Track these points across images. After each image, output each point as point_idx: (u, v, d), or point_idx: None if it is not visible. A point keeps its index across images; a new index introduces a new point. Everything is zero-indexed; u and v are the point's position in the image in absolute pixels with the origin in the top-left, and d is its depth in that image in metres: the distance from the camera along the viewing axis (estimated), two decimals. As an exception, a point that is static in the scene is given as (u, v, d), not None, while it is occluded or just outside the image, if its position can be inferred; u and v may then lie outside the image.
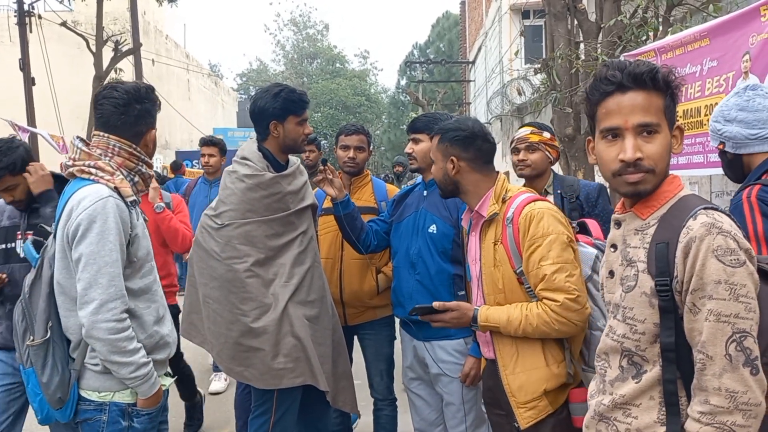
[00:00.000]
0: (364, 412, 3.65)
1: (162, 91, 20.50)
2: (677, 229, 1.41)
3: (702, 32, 4.31)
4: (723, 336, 1.32)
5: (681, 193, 1.48)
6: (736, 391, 1.31)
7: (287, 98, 2.80)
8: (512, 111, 14.20)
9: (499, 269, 2.25)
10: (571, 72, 6.57)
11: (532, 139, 3.12)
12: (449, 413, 2.86)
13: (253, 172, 2.80)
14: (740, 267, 1.33)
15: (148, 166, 2.30)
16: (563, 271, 2.09)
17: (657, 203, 1.49)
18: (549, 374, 2.15)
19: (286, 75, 41.31)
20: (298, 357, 2.75)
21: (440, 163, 2.41)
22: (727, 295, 1.33)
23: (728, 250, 1.34)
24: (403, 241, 2.95)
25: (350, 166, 3.42)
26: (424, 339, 2.87)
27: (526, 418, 2.16)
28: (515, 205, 2.24)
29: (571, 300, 2.07)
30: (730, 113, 2.30)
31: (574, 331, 2.11)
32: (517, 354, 2.21)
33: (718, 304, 1.33)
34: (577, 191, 3.11)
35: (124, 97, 2.18)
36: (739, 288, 1.32)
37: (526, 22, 14.91)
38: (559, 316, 2.08)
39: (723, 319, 1.32)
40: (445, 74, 30.62)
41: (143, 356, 2.13)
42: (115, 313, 2.06)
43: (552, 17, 6.96)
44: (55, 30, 13.67)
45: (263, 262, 2.77)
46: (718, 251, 1.34)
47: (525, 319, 2.13)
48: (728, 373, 1.32)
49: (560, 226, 2.17)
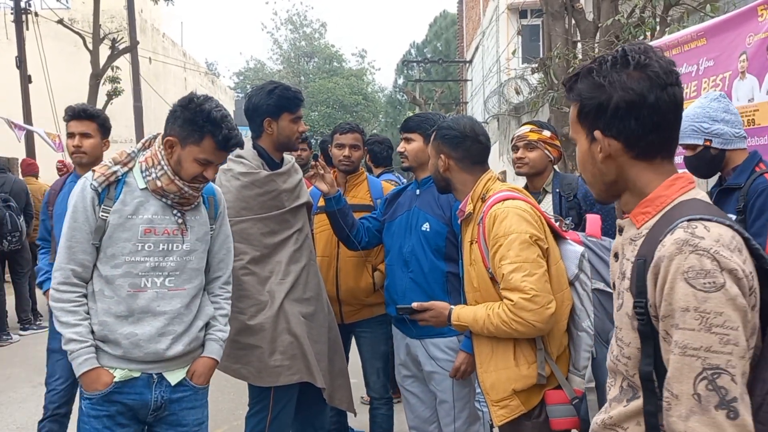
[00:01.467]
0: (360, 411, 3.65)
1: (159, 89, 20.52)
2: (655, 244, 1.22)
3: (699, 32, 4.32)
4: (691, 372, 1.12)
5: (681, 198, 1.28)
6: None
7: (281, 95, 2.81)
8: (509, 110, 14.22)
9: (474, 268, 2.27)
10: (568, 71, 6.57)
11: (531, 137, 3.13)
12: (442, 411, 2.86)
13: (248, 169, 2.80)
14: (716, 292, 1.11)
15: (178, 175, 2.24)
16: (521, 271, 2.07)
17: (652, 210, 1.30)
18: (517, 375, 2.14)
19: (283, 74, 41.27)
20: (295, 354, 2.75)
21: (433, 159, 2.47)
22: (697, 325, 1.12)
23: (701, 272, 1.12)
24: (396, 239, 2.96)
25: (345, 164, 3.43)
26: (418, 336, 2.88)
27: (499, 416, 2.17)
28: (488, 204, 2.25)
29: (525, 299, 2.04)
30: (717, 114, 2.59)
31: (532, 331, 2.07)
32: (492, 353, 2.22)
33: (684, 335, 1.13)
34: (575, 189, 3.12)
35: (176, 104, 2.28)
36: (712, 317, 1.11)
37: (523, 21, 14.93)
38: (515, 315, 2.06)
39: (690, 353, 1.12)
40: (443, 73, 30.65)
41: (74, 333, 2.17)
42: (56, 281, 2.21)
43: (549, 16, 6.97)
44: (52, 28, 13.62)
45: (259, 260, 2.77)
46: (688, 273, 1.13)
47: (487, 318, 2.14)
48: (696, 416, 1.11)
49: (524, 224, 2.13)
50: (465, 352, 2.60)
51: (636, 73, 1.26)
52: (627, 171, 1.32)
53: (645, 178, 1.31)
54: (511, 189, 2.34)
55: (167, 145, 2.22)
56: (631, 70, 1.26)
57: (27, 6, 13.02)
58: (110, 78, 13.29)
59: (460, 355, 2.64)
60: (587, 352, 2.11)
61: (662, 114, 1.25)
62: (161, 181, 2.23)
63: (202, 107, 2.17)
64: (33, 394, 5.32)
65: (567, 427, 2.14)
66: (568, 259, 2.20)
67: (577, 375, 2.13)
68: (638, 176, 1.31)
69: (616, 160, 1.31)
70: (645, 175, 1.31)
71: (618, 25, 6.06)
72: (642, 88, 1.25)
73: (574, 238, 2.28)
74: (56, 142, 11.85)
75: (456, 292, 2.75)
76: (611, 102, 1.27)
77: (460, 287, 2.73)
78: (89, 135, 3.34)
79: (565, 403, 2.12)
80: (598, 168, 1.35)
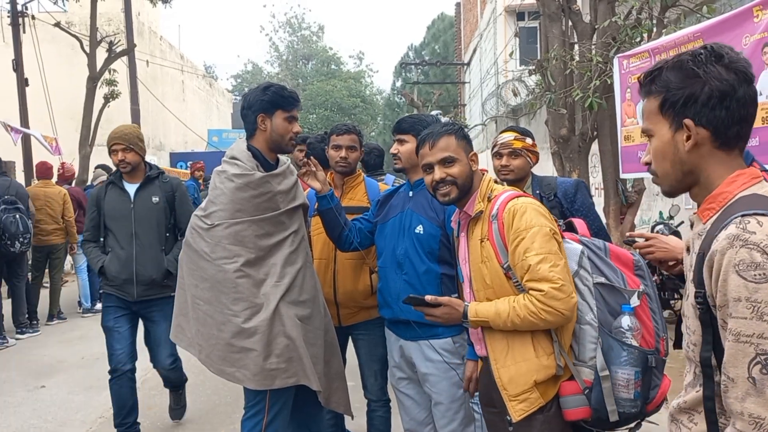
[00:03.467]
0: (357, 414, 3.63)
1: (156, 92, 20.48)
2: (712, 239, 1.31)
3: (696, 33, 4.31)
4: (745, 358, 1.22)
5: (742, 194, 1.35)
6: (762, 417, 1.19)
7: (276, 93, 2.81)
8: (507, 112, 14.22)
9: (486, 265, 2.28)
10: (565, 73, 6.58)
11: (516, 145, 3.14)
12: (438, 413, 2.84)
13: (243, 171, 2.78)
14: (765, 282, 1.20)
15: None
16: (547, 262, 2.12)
17: (716, 206, 1.37)
18: (539, 365, 2.16)
19: (281, 76, 41.32)
20: (291, 357, 2.73)
21: (465, 159, 2.38)
22: (749, 314, 1.21)
23: (752, 264, 1.21)
24: (389, 241, 2.94)
25: (342, 165, 3.41)
26: (412, 339, 2.86)
27: (518, 410, 2.17)
28: (500, 202, 2.28)
29: (555, 289, 2.09)
30: None
31: (560, 320, 2.12)
32: (507, 348, 2.22)
33: (737, 323, 1.23)
34: (555, 189, 3.16)
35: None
36: (763, 306, 1.20)
37: (520, 23, 14.95)
38: (544, 305, 2.09)
39: (743, 340, 1.22)
40: (441, 76, 30.67)
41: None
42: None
43: (546, 18, 6.97)
44: (49, 30, 13.60)
45: (254, 262, 2.75)
46: (739, 266, 1.23)
47: (512, 311, 2.15)
48: (752, 398, 1.21)
49: (543, 219, 2.20)
50: (472, 361, 2.59)
51: (727, 67, 1.35)
52: (707, 161, 1.40)
53: (718, 171, 1.39)
54: (513, 189, 2.39)
55: None
56: (726, 62, 1.35)
57: (24, 9, 12.99)
58: (107, 81, 13.24)
59: (469, 365, 2.62)
60: (592, 343, 2.15)
61: (746, 107, 1.35)
62: None
63: None
64: (28, 399, 5.30)
65: (580, 416, 2.17)
66: (567, 257, 2.23)
67: (584, 366, 2.16)
68: (713, 168, 1.39)
69: (700, 149, 1.39)
70: (719, 168, 1.39)
71: (615, 27, 6.06)
72: (733, 80, 1.34)
73: (572, 237, 2.32)
74: (53, 145, 11.83)
75: (450, 293, 2.73)
76: (704, 92, 1.35)
77: (454, 289, 2.72)
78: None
79: (578, 394, 2.15)
80: (680, 157, 1.41)
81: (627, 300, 2.17)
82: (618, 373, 2.10)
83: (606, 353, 2.14)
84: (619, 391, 2.10)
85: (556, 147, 6.82)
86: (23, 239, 6.97)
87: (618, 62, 5.53)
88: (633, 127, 5.40)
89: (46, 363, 6.42)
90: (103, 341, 4.06)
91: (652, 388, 2.16)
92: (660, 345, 2.18)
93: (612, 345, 2.12)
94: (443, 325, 2.70)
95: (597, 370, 2.14)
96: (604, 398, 2.12)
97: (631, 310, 2.13)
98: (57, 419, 4.84)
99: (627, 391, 2.09)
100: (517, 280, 2.20)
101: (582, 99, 6.01)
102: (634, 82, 5.28)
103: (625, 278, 2.21)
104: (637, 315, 2.15)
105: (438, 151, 2.37)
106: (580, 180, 3.34)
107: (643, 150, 5.74)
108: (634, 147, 5.36)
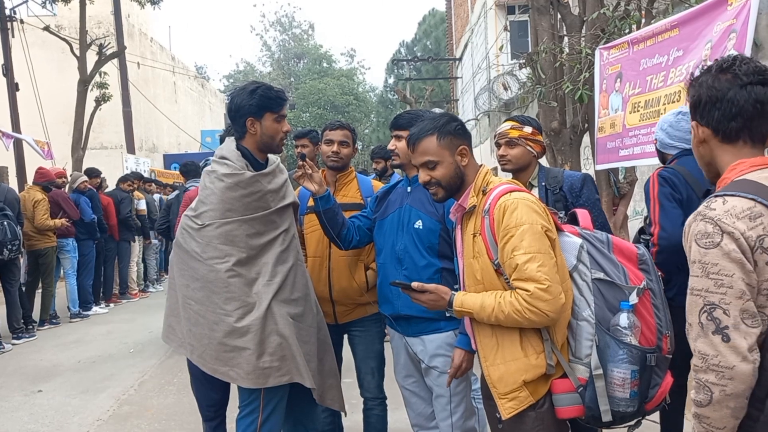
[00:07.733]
0: (354, 411, 3.64)
1: (148, 94, 20.42)
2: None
3: (673, 22, 4.31)
4: (696, 307, 1.53)
5: (737, 179, 1.59)
6: (707, 354, 1.50)
7: (264, 95, 2.78)
8: (499, 107, 14.23)
9: (478, 260, 2.25)
10: (555, 66, 6.57)
11: (512, 134, 3.12)
12: (438, 406, 2.86)
13: (232, 171, 2.78)
14: (713, 248, 1.51)
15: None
16: (535, 261, 2.07)
17: (718, 189, 1.63)
18: (527, 365, 2.14)
19: (273, 75, 41.21)
20: (284, 355, 2.73)
21: (448, 158, 2.34)
22: (700, 273, 1.53)
23: (705, 234, 1.52)
24: (388, 237, 2.94)
25: (334, 160, 3.40)
26: (414, 334, 2.87)
27: (508, 408, 2.16)
28: (492, 196, 2.23)
29: (541, 290, 2.05)
30: (663, 125, 3.21)
31: (545, 321, 2.08)
32: (497, 346, 2.20)
33: (693, 281, 1.55)
34: (561, 182, 3.11)
35: None
36: (710, 267, 1.51)
37: (510, 17, 14.94)
38: (529, 305, 2.06)
39: (695, 293, 1.54)
40: (433, 72, 30.61)
41: None
42: None
43: (535, 11, 6.96)
44: (39, 34, 13.54)
45: (245, 262, 2.75)
46: (697, 236, 1.53)
47: (498, 306, 2.13)
48: (701, 338, 1.51)
49: (534, 215, 2.14)
50: (462, 349, 2.59)
51: (719, 75, 1.63)
52: (716, 153, 1.68)
53: (725, 160, 1.66)
54: (510, 182, 2.34)
55: None
56: (714, 72, 1.64)
57: (12, 13, 12.93)
58: (98, 84, 13.20)
59: (458, 353, 2.61)
60: (589, 340, 2.12)
61: (740, 106, 1.59)
62: None
63: None
64: (25, 403, 5.30)
65: (573, 415, 2.15)
66: (566, 251, 2.20)
67: (579, 364, 2.13)
68: (722, 158, 1.67)
69: (708, 143, 1.69)
70: (726, 158, 1.66)
71: (603, 19, 6.06)
72: (722, 86, 1.62)
73: (572, 230, 2.28)
74: (44, 149, 11.79)
75: (450, 287, 2.74)
76: (701, 98, 1.66)
77: (454, 283, 2.72)
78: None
79: (571, 392, 2.12)
80: (698, 150, 1.74)
81: (627, 296, 2.11)
82: (614, 371, 2.06)
83: (602, 351, 2.09)
84: (615, 390, 2.07)
85: (548, 140, 6.81)
86: (12, 246, 6.94)
87: (599, 54, 5.51)
88: (605, 119, 5.32)
89: (43, 367, 6.42)
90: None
91: (651, 387, 2.11)
92: (663, 342, 2.12)
93: (608, 343, 2.07)
94: (444, 319, 2.71)
95: (591, 368, 2.10)
96: (597, 397, 2.08)
97: (629, 307, 2.08)
98: (54, 423, 4.83)
99: (623, 390, 2.06)
100: (507, 276, 2.17)
101: (572, 91, 6.01)
102: (611, 72, 5.25)
103: (627, 273, 2.16)
104: (638, 312, 2.11)
105: (418, 154, 2.38)
106: (587, 174, 3.30)
107: (612, 141, 5.74)
108: (604, 138, 5.30)
